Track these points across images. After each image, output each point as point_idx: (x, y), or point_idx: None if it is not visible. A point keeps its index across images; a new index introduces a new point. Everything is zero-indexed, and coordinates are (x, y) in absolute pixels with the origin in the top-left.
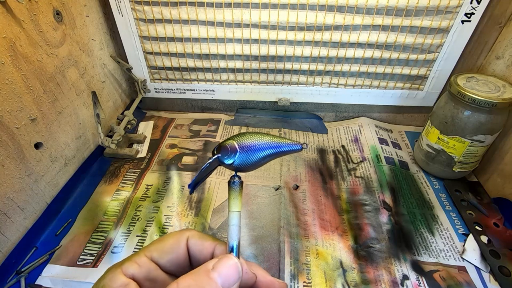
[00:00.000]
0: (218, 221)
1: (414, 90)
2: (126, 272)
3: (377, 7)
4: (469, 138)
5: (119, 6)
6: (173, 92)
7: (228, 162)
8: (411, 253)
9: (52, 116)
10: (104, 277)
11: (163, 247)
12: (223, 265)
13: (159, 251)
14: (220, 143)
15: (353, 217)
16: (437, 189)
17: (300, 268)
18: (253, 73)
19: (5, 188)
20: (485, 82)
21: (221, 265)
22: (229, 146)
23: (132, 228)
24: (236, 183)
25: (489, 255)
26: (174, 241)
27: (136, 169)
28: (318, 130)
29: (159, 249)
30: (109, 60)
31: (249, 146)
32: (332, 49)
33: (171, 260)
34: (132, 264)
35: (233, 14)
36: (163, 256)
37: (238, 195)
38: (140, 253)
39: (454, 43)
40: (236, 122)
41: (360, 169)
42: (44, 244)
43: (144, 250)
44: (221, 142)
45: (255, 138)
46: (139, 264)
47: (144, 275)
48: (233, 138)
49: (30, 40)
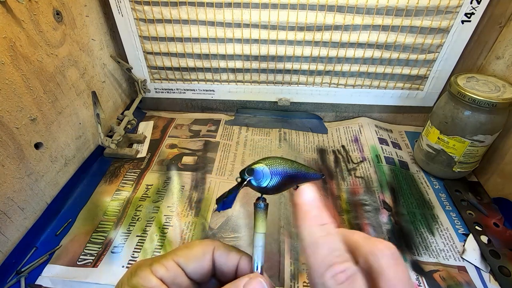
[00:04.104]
0: (218, 221)
1: (414, 90)
2: (155, 273)
3: (377, 7)
4: (469, 138)
5: (119, 6)
6: (173, 92)
7: (263, 185)
8: (411, 253)
9: (52, 116)
10: (135, 274)
11: (190, 254)
12: (253, 286)
13: (186, 258)
14: (250, 167)
15: (353, 217)
16: (437, 189)
17: (300, 268)
18: (253, 73)
19: (5, 188)
20: (485, 82)
21: (252, 286)
22: (261, 171)
23: (132, 228)
24: (263, 206)
25: (489, 255)
26: (201, 250)
27: (136, 169)
28: (318, 130)
29: (186, 255)
30: (109, 60)
31: (281, 172)
32: (332, 49)
33: (196, 268)
34: (161, 266)
35: (233, 14)
36: (189, 264)
37: (264, 217)
38: (167, 256)
39: (454, 43)
40: (236, 122)
41: (360, 169)
42: (44, 244)
43: (171, 254)
44: (250, 166)
45: (285, 164)
46: (167, 267)
47: (171, 280)
48: (261, 162)
49: (30, 40)
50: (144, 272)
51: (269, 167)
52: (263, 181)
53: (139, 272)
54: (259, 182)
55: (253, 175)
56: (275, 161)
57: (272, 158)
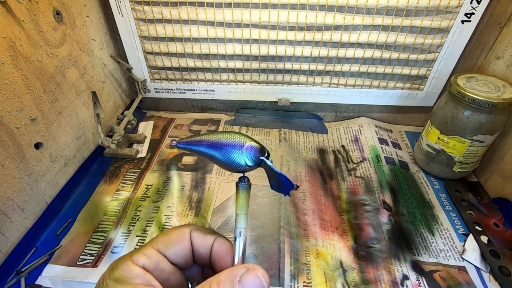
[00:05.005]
0: (218, 221)
1: (414, 90)
2: (137, 263)
3: (377, 7)
4: (469, 138)
5: (119, 6)
6: (173, 92)
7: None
8: (411, 253)
9: (52, 116)
10: (116, 268)
11: (169, 239)
12: (250, 280)
13: (165, 243)
14: (262, 146)
15: (353, 217)
16: (437, 189)
17: (300, 268)
18: (253, 73)
19: (5, 188)
20: (485, 82)
21: (248, 279)
22: (264, 148)
23: (132, 228)
24: (247, 185)
25: (489, 255)
26: (178, 234)
27: (136, 169)
28: (318, 130)
29: (164, 241)
30: (109, 60)
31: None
32: (332, 49)
33: (176, 252)
34: (141, 255)
35: (233, 14)
36: (169, 248)
37: (247, 197)
38: (147, 245)
39: (454, 43)
40: (236, 122)
41: (360, 169)
42: (44, 244)
43: (150, 242)
44: (260, 145)
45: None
46: (148, 255)
47: (153, 266)
48: (250, 140)
49: (30, 40)
50: (125, 264)
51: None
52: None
53: (120, 265)
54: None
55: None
56: (246, 136)
57: (241, 134)
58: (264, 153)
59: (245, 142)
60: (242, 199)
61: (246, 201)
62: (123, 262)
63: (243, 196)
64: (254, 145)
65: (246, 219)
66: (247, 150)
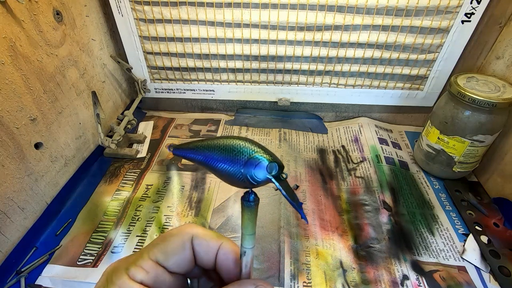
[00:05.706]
0: (218, 221)
1: (414, 90)
2: (134, 278)
3: (377, 7)
4: (469, 138)
5: (119, 6)
6: (173, 92)
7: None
8: (411, 253)
9: (52, 116)
10: (111, 283)
11: (168, 248)
12: None
13: (164, 254)
14: (273, 159)
15: (353, 217)
16: (437, 189)
17: (300, 268)
18: (253, 73)
19: (5, 188)
20: (485, 82)
21: None
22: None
23: (132, 228)
24: (254, 201)
25: (489, 255)
26: (178, 241)
27: (136, 169)
28: (318, 130)
29: (163, 250)
30: (109, 60)
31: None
32: (332, 49)
33: (177, 262)
34: (138, 269)
35: (233, 14)
36: (169, 259)
37: (255, 214)
38: (144, 256)
39: (454, 43)
40: (236, 122)
41: (360, 169)
42: (44, 244)
43: (147, 252)
44: (271, 157)
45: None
46: (146, 269)
47: (153, 281)
48: (264, 154)
49: (30, 40)
50: (122, 279)
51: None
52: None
53: (115, 280)
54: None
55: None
56: (261, 148)
57: (248, 141)
58: (272, 169)
59: (249, 154)
60: (246, 219)
61: (252, 221)
62: (119, 277)
63: (248, 215)
64: (260, 158)
65: (253, 239)
66: (250, 166)
